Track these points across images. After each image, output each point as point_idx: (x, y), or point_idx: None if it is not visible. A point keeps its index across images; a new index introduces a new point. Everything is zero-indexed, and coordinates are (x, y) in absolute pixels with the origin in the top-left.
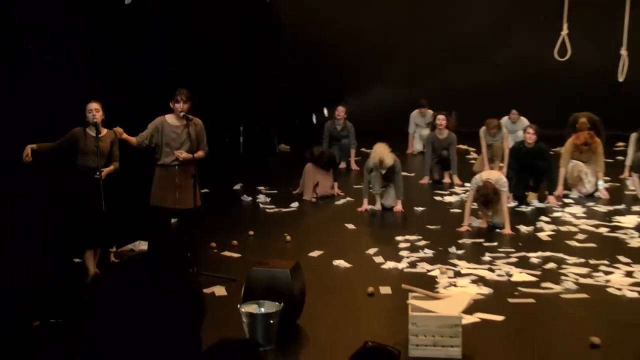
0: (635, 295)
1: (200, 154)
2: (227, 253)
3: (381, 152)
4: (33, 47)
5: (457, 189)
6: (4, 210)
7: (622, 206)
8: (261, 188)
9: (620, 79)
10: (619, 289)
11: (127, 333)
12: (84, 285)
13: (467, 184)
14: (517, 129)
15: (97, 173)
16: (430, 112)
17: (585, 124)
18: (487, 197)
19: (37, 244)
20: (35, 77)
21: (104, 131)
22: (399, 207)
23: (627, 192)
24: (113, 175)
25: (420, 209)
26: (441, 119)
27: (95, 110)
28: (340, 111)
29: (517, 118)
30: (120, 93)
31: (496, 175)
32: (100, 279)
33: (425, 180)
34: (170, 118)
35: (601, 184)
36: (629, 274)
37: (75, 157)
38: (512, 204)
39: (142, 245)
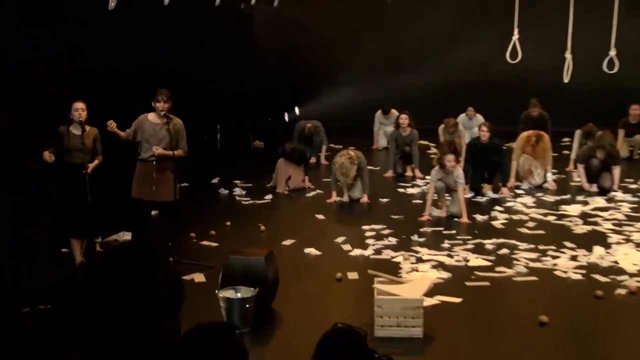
0: (579, 277)
1: (179, 152)
2: (205, 242)
3: (344, 167)
4: (32, 47)
5: (418, 182)
6: (4, 210)
7: (568, 196)
8: (237, 182)
9: (566, 80)
10: (565, 272)
11: (112, 318)
12: (70, 273)
13: (427, 177)
14: (473, 126)
15: (84, 169)
16: (395, 113)
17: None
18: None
19: (37, 243)
20: (35, 77)
21: (88, 128)
22: (365, 198)
23: (572, 183)
24: (97, 169)
25: (384, 200)
26: (404, 118)
27: (81, 110)
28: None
29: (474, 115)
30: (109, 92)
31: (456, 168)
32: (87, 268)
33: (390, 173)
34: (151, 116)
35: (549, 176)
36: (573, 258)
37: (60, 155)
38: (469, 195)
39: (126, 236)
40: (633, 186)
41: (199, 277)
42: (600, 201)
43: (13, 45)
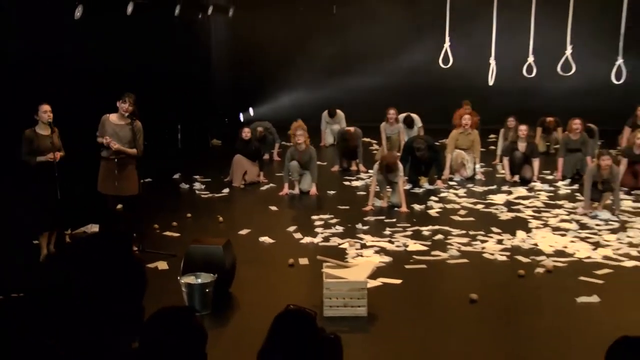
0: (504, 258)
1: (134, 151)
2: (168, 233)
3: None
4: (32, 47)
5: (362, 175)
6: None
7: (494, 187)
8: (197, 177)
9: (490, 83)
10: (492, 254)
11: (81, 302)
12: (40, 263)
13: (370, 171)
14: (412, 126)
15: (52, 157)
16: (341, 114)
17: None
18: (389, 165)
19: (9, 236)
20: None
21: (54, 128)
22: (314, 190)
23: (498, 176)
24: (65, 164)
25: (332, 192)
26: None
27: (49, 112)
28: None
29: (411, 122)
30: (75, 93)
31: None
32: (58, 257)
33: (336, 168)
34: (113, 117)
35: (478, 168)
36: (499, 242)
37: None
38: (407, 186)
39: (94, 228)
40: (549, 177)
41: (162, 265)
42: (522, 191)
43: (12, 44)
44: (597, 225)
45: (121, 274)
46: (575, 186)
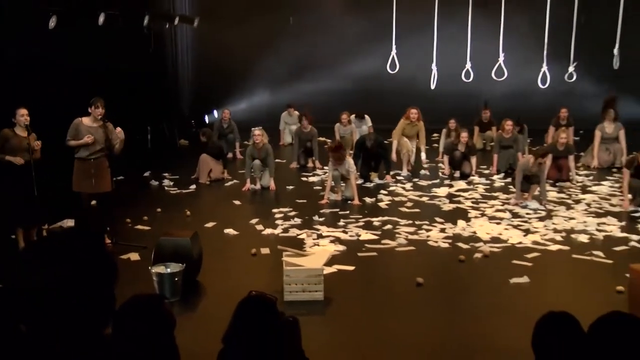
0: (446, 245)
1: (118, 148)
2: (139, 226)
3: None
4: (11, 54)
5: (318, 172)
6: None
7: (437, 181)
8: (166, 174)
9: (432, 87)
10: (436, 242)
11: (55, 292)
12: (17, 256)
13: (325, 168)
14: (362, 125)
15: (33, 152)
16: (296, 112)
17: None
18: (338, 152)
19: None
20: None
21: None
22: (272, 185)
23: (440, 172)
24: (42, 165)
25: (290, 187)
26: (305, 123)
27: (26, 115)
28: (226, 113)
29: (362, 116)
30: (52, 97)
31: (347, 160)
32: (35, 250)
33: (294, 165)
34: (85, 120)
35: (423, 155)
36: (442, 230)
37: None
38: (359, 181)
39: (69, 223)
40: (486, 172)
41: (134, 256)
42: (462, 184)
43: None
44: (527, 214)
45: (92, 265)
46: (508, 179)
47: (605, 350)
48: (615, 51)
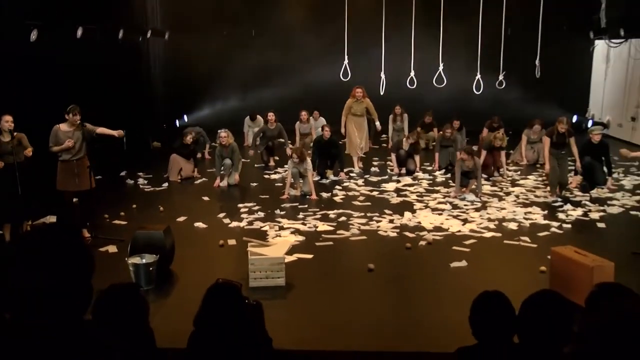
0: (395, 234)
1: (118, 132)
2: (116, 221)
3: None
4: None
5: (279, 169)
6: None
7: (386, 177)
8: (140, 173)
9: (381, 93)
10: (385, 232)
11: (35, 283)
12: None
13: (285, 166)
14: (318, 126)
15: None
16: (260, 118)
17: None
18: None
19: None
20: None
21: (16, 134)
22: (237, 178)
23: (389, 169)
24: (27, 166)
25: (254, 184)
26: (271, 115)
27: (10, 122)
28: (189, 139)
29: (318, 117)
30: (34, 104)
31: (307, 159)
32: (15, 242)
33: (251, 153)
34: (62, 126)
35: (377, 124)
36: (391, 221)
37: None
38: (316, 178)
39: (52, 219)
40: (429, 168)
41: (112, 249)
42: (408, 180)
43: None
44: (465, 205)
45: (70, 258)
46: (448, 175)
47: (532, 321)
48: (537, 62)
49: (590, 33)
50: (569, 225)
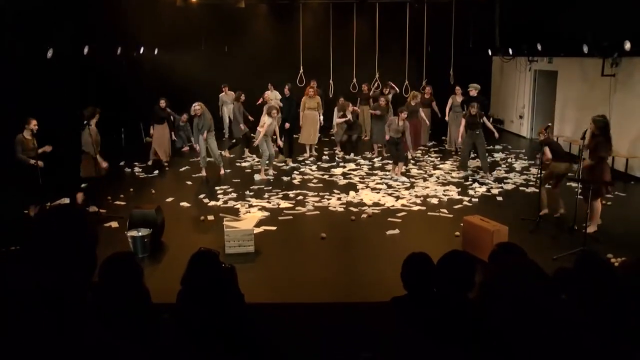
0: (342, 209)
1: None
2: (117, 202)
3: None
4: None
5: (248, 158)
6: None
7: (334, 163)
8: (136, 163)
9: (330, 95)
10: (334, 207)
11: (49, 254)
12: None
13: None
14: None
15: (42, 150)
16: (231, 92)
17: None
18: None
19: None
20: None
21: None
22: (205, 135)
23: (337, 157)
24: (47, 158)
25: (228, 171)
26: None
27: (34, 124)
28: (184, 118)
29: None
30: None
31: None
32: (37, 219)
33: (243, 126)
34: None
35: (321, 117)
36: (338, 199)
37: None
38: (280, 164)
39: (65, 201)
40: (369, 156)
41: (114, 224)
42: (352, 165)
43: None
44: (397, 185)
45: (77, 232)
46: (384, 161)
47: (446, 274)
48: (451, 71)
49: (489, 50)
50: (477, 200)
